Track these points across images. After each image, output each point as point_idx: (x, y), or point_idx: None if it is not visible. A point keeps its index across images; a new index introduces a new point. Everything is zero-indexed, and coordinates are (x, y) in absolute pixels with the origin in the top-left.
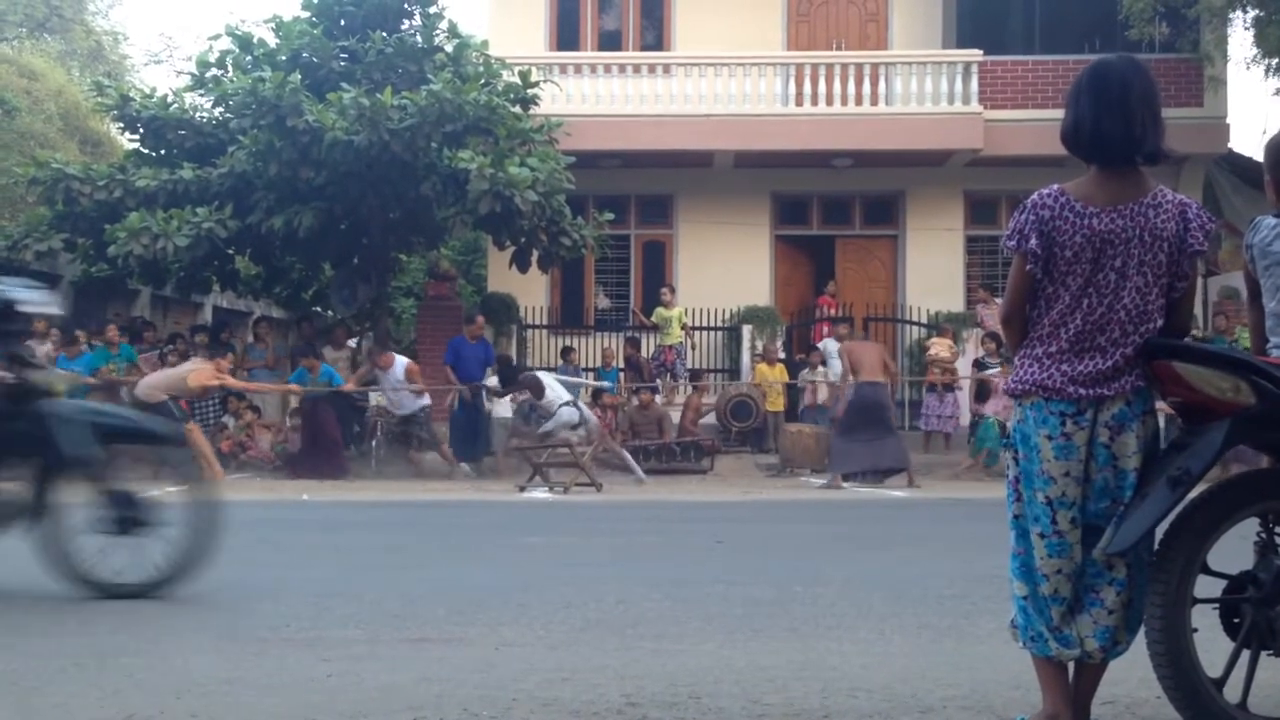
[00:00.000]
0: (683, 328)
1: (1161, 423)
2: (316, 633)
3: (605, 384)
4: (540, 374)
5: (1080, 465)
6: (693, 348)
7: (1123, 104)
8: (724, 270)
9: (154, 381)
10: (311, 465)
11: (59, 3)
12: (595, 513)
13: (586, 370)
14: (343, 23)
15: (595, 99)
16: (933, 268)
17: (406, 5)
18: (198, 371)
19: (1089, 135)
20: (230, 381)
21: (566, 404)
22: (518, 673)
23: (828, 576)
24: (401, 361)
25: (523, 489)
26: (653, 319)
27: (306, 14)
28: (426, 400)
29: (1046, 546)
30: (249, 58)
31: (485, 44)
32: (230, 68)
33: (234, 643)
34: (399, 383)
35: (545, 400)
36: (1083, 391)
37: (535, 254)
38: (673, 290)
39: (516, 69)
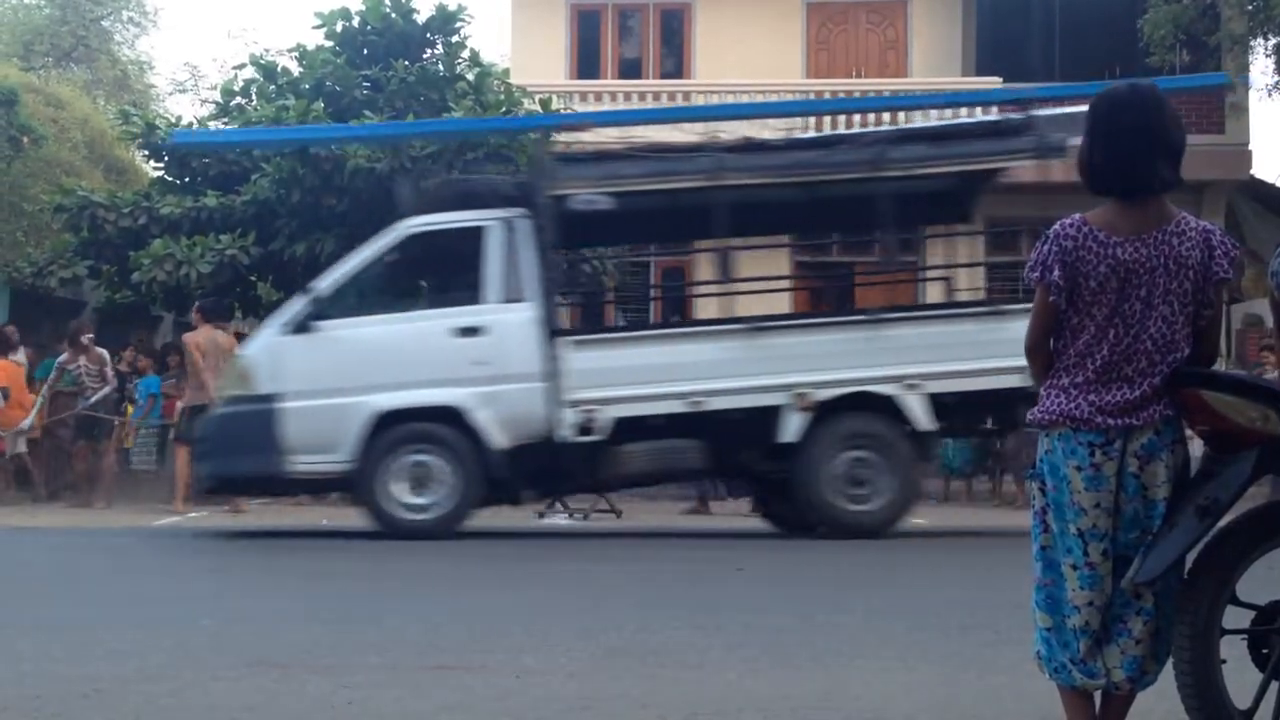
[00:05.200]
0: None
1: (1194, 451)
2: (337, 659)
3: None
4: None
5: (1110, 496)
6: None
7: (1143, 137)
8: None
9: None
10: None
11: (85, 33)
12: (615, 539)
13: None
14: (365, 52)
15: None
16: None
17: (429, 35)
18: None
19: (1110, 168)
20: None
21: None
22: (538, 700)
23: (850, 605)
24: None
25: (542, 515)
26: None
27: (330, 43)
28: None
29: (1079, 579)
30: (273, 87)
31: (506, 73)
32: (254, 96)
33: (255, 669)
34: None
35: None
36: (1111, 421)
37: None
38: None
39: (537, 97)
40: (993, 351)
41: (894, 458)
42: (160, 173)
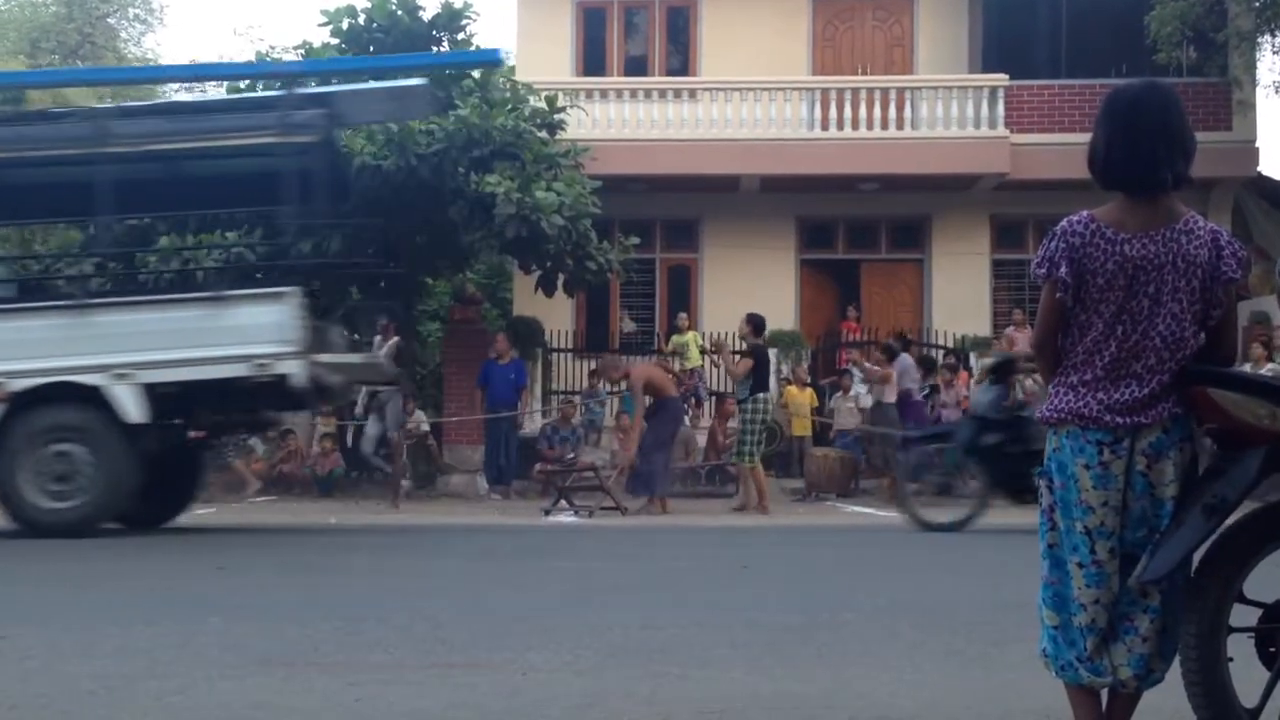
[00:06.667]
0: (701, 351)
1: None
2: (344, 657)
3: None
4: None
5: (1118, 494)
6: (714, 365)
7: (1160, 134)
8: (749, 294)
9: None
10: None
11: (91, 30)
12: (620, 537)
13: (611, 394)
14: (371, 49)
15: (621, 124)
16: (959, 292)
17: (435, 32)
18: None
19: (1127, 165)
20: None
21: None
22: (544, 698)
23: (855, 602)
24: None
25: (548, 513)
26: (669, 346)
27: (336, 41)
28: None
29: (1085, 576)
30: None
31: (512, 70)
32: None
33: (262, 667)
34: None
35: None
36: (1119, 420)
37: (561, 278)
38: (688, 315)
39: (543, 94)
40: (214, 340)
41: (102, 452)
42: None
